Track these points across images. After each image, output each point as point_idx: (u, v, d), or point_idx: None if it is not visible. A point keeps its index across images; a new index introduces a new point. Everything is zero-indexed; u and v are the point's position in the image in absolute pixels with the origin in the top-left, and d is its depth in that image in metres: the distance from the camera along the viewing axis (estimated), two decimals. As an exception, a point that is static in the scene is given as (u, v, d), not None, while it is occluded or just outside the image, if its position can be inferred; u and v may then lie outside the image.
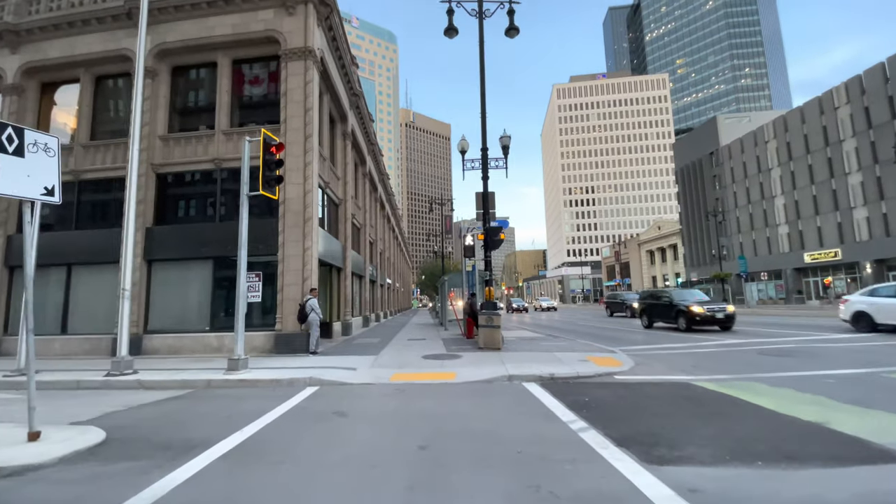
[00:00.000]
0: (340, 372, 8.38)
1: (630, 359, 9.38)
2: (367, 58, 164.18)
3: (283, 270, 11.58)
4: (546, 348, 11.32)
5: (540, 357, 9.67)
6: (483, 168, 12.57)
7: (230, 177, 12.85)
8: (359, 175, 23.23)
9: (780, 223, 47.07)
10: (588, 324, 22.99)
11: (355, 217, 21.37)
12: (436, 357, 10.12)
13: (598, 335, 15.82)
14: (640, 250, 74.16)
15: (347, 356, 10.67)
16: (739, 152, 52.28)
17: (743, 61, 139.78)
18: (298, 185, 11.85)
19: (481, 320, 11.32)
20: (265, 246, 11.97)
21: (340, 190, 17.62)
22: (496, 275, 47.98)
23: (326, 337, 15.41)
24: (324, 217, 15.34)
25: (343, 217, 17.60)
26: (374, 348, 12.20)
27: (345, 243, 17.43)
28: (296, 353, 11.13)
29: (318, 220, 14.86)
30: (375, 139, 24.23)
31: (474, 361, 9.38)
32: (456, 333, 16.64)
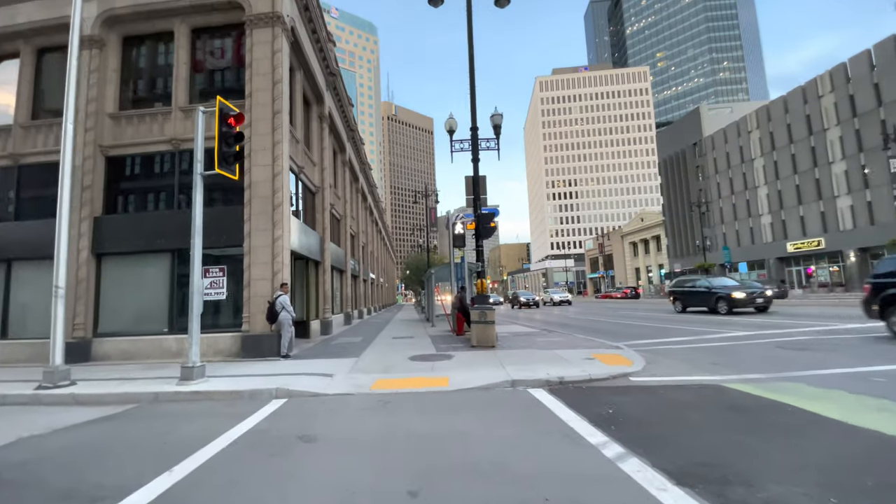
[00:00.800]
0: (314, 380, 7.21)
1: (639, 355, 8.46)
2: (348, 49, 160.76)
3: (250, 263, 10.29)
4: (544, 345, 10.33)
5: (541, 356, 8.66)
6: (473, 149, 11.46)
7: (191, 159, 11.43)
8: (338, 163, 21.86)
9: (763, 213, 47.31)
10: (600, 318, 22.20)
11: (335, 207, 20.03)
12: (424, 358, 9.02)
13: (594, 328, 14.96)
14: (623, 242, 74.30)
15: (324, 359, 9.48)
16: (723, 143, 52.37)
17: (721, 55, 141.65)
18: (266, 166, 10.54)
19: (473, 316, 10.26)
20: (230, 236, 10.65)
21: (317, 177, 16.29)
22: (481, 268, 47.71)
23: (303, 337, 14.16)
24: (298, 206, 14.02)
25: (321, 206, 16.28)
26: (355, 349, 11.03)
27: (323, 235, 16.14)
28: (266, 356, 9.89)
29: (293, 209, 13.58)
30: (356, 126, 22.85)
31: (468, 362, 8.31)
32: (444, 330, 15.57)
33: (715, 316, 17.45)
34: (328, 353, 10.35)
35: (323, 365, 8.67)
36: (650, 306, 31.27)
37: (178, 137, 11.41)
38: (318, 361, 9.20)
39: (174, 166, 11.49)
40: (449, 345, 11.13)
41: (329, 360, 9.24)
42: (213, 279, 10.76)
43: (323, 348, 11.56)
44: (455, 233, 11.14)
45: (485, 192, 11.66)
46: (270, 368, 8.49)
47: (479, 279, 11.05)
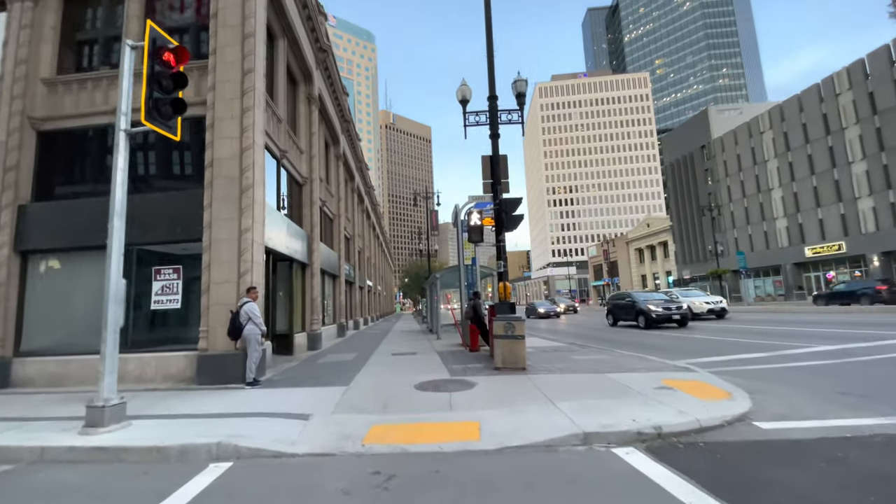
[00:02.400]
0: (281, 425, 4.91)
1: (727, 382, 6.21)
2: (346, 57, 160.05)
3: (210, 262, 8.00)
4: (588, 366, 8.04)
5: (595, 384, 6.38)
6: (491, 122, 9.29)
7: (146, 133, 9.21)
8: (331, 156, 19.68)
9: (777, 217, 45.32)
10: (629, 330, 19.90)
11: (326, 205, 17.79)
12: (437, 386, 6.72)
13: (632, 342, 12.68)
14: (628, 249, 72.23)
15: (304, 387, 7.16)
16: (733, 144, 50.58)
17: (720, 62, 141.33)
18: (233, 139, 8.31)
19: (497, 329, 7.98)
20: (187, 228, 8.38)
21: (304, 166, 14.07)
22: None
23: (285, 353, 11.82)
24: (280, 197, 11.77)
25: (308, 200, 14.04)
26: (346, 370, 8.71)
27: (311, 233, 13.87)
28: (228, 382, 7.56)
29: (277, 203, 11.37)
30: (350, 116, 20.72)
31: (498, 394, 6.03)
32: (453, 344, 13.26)
33: (790, 328, 15.19)
34: (311, 378, 8.01)
35: (300, 398, 6.36)
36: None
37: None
38: (294, 392, 6.87)
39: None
40: (464, 365, 8.83)
41: (309, 390, 6.92)
42: (166, 282, 8.47)
43: (306, 369, 9.22)
44: (471, 224, 8.91)
45: (506, 175, 9.46)
46: (226, 403, 6.17)
47: (500, 282, 8.80)
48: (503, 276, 8.92)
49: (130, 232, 8.40)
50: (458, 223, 13.41)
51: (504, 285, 8.80)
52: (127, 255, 8.68)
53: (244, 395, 6.69)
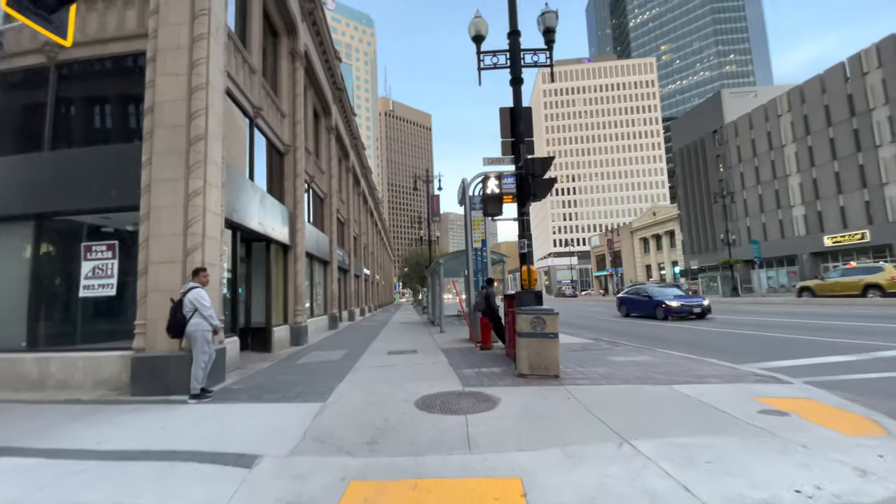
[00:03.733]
0: (201, 485, 3.06)
1: (850, 402, 4.40)
2: (344, 41, 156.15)
3: (149, 235, 6.12)
4: (636, 372, 6.22)
5: (669, 405, 4.54)
6: (512, 64, 7.38)
7: (77, 74, 7.29)
8: (321, 128, 17.67)
9: (794, 204, 43.34)
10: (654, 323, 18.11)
11: (315, 182, 15.86)
12: (446, 403, 4.88)
13: (668, 338, 10.87)
14: (633, 238, 70.33)
15: (265, 403, 5.32)
16: (747, 129, 48.39)
17: (728, 48, 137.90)
18: (179, 76, 6.37)
19: (522, 324, 6.13)
20: (123, 193, 6.48)
21: (287, 132, 12.11)
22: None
23: (262, 350, 10.00)
24: (253, 163, 9.83)
25: (292, 172, 12.11)
26: (327, 376, 6.88)
27: (294, 210, 11.97)
28: (170, 392, 5.73)
29: (247, 170, 9.49)
30: (344, 85, 18.65)
31: (535, 420, 4.19)
32: (459, 339, 11.44)
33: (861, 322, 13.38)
34: (280, 387, 6.17)
35: (255, 421, 4.53)
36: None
37: (57, 43, 7.22)
38: (251, 410, 5.04)
39: (46, 84, 7.27)
40: (477, 368, 7.01)
41: (272, 408, 5.09)
42: (98, 262, 6.60)
43: (279, 373, 7.39)
44: (487, 193, 7.01)
45: (530, 133, 7.54)
46: (147, 430, 4.34)
47: (523, 265, 6.93)
48: (527, 258, 7.05)
49: (50, 197, 6.56)
50: (465, 199, 11.50)
51: (528, 269, 6.94)
52: (66, 228, 6.85)
53: (179, 416, 4.86)
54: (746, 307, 22.94)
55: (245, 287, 10.21)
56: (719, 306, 24.32)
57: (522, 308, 6.33)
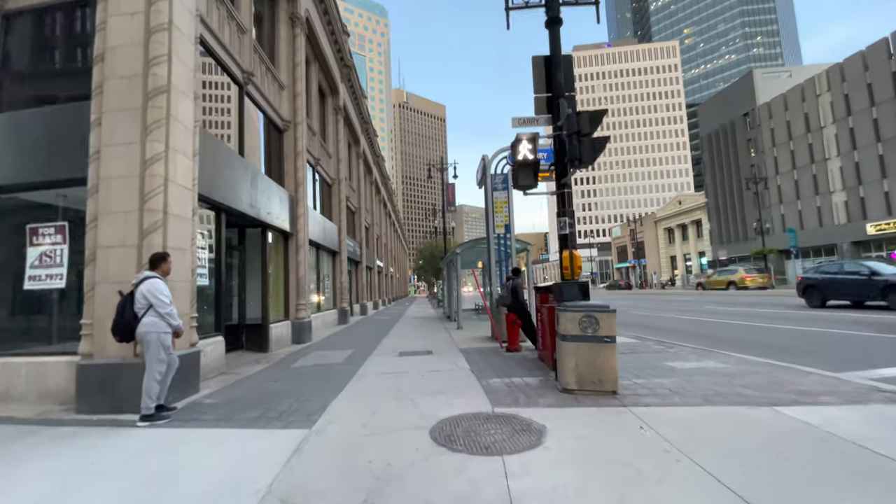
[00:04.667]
0: None
1: None
2: (357, 31, 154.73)
3: (98, 213, 4.93)
4: (715, 386, 4.79)
5: (791, 435, 3.10)
6: (547, 1, 5.92)
7: (24, 25, 6.13)
8: (327, 108, 16.41)
9: (834, 190, 40.54)
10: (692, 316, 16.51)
11: (321, 165, 14.64)
12: (472, 436, 3.53)
13: (728, 338, 9.33)
14: (657, 228, 67.66)
15: (234, 429, 4.06)
16: (782, 110, 45.46)
17: (756, 29, 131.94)
18: (135, 15, 5.11)
19: (568, 323, 4.75)
20: (73, 163, 5.29)
21: (286, 106, 10.86)
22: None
23: (258, 350, 8.85)
24: (243, 137, 8.59)
25: (292, 151, 10.87)
26: (321, 386, 5.63)
27: (296, 194, 10.75)
28: (121, 410, 4.55)
29: (235, 144, 8.29)
30: (352, 62, 17.32)
31: (606, 466, 2.78)
32: (480, 337, 10.11)
33: (883, 314, 11.61)
34: (260, 402, 4.94)
35: (211, 457, 3.28)
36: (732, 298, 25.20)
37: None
38: (212, 438, 3.80)
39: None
40: (507, 378, 5.66)
41: (240, 436, 3.83)
42: (47, 249, 5.45)
43: (265, 382, 6.17)
44: (518, 160, 5.59)
45: (572, 87, 6.07)
46: (61, 473, 3.13)
47: (564, 251, 5.54)
48: (567, 242, 5.64)
49: (10, 168, 5.41)
50: (486, 179, 10.11)
51: (571, 254, 5.54)
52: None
53: (118, 447, 3.65)
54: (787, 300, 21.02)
55: (237, 279, 9.05)
56: (753, 298, 22.43)
57: (567, 304, 4.94)
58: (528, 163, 5.72)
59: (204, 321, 6.59)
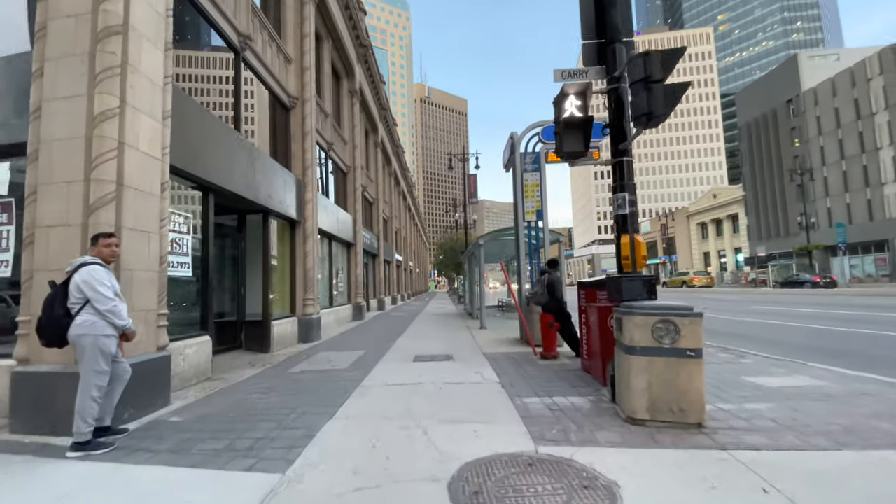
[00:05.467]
0: None
1: None
2: (379, 26, 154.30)
3: (38, 184, 3.97)
4: (828, 416, 3.48)
5: None
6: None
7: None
8: (342, 91, 15.42)
9: (887, 181, 37.44)
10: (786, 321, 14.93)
11: (334, 149, 13.67)
12: (509, 493, 2.39)
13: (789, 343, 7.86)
14: (689, 223, 64.63)
15: (182, 468, 3.01)
16: (830, 96, 42.28)
17: (795, 14, 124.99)
18: (82, -63, 4.11)
19: (636, 331, 3.53)
20: (18, 124, 4.35)
21: (293, 81, 9.87)
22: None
23: (257, 349, 7.91)
24: (240, 110, 7.61)
25: (299, 130, 9.88)
26: (316, 401, 4.57)
27: (303, 178, 9.76)
28: (56, 431, 3.58)
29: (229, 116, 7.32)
30: (369, 41, 16.28)
31: None
32: (504, 337, 8.93)
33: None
34: (233, 425, 3.91)
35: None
36: (815, 299, 23.25)
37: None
38: (150, 485, 2.75)
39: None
40: (547, 395, 4.48)
41: (187, 483, 2.78)
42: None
43: (250, 394, 5.16)
44: (565, 118, 4.33)
45: (630, 29, 4.79)
46: None
47: (623, 235, 4.31)
48: (628, 223, 4.40)
49: None
50: (514, 159, 8.88)
51: (633, 240, 4.30)
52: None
53: (26, 493, 2.65)
54: (842, 299, 18.98)
55: (236, 270, 8.12)
56: (812, 297, 20.42)
57: (633, 305, 3.72)
58: (577, 122, 4.48)
59: (184, 318, 5.64)
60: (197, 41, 6.61)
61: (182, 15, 5.90)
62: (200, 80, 6.69)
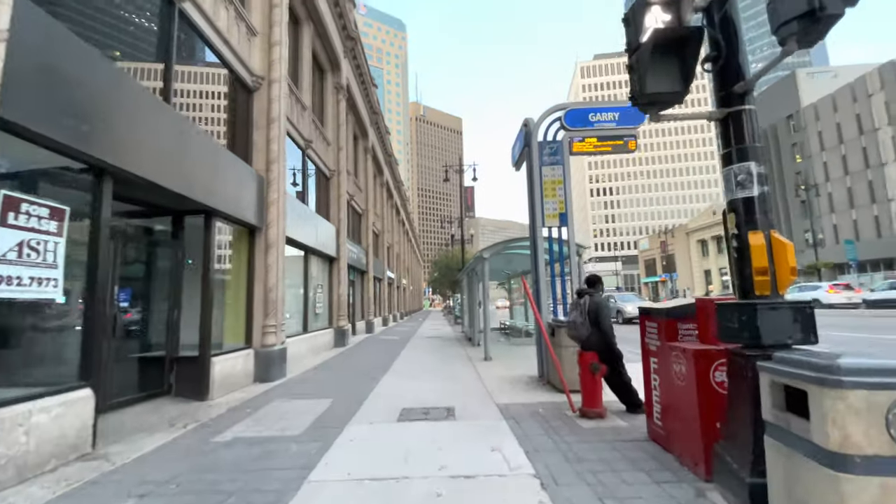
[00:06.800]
0: None
1: None
2: (375, 45, 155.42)
3: None
4: None
5: None
6: None
7: None
8: (327, 86, 13.72)
9: (893, 197, 36.39)
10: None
11: (314, 149, 11.88)
12: None
13: None
14: (689, 240, 63.35)
15: None
16: (831, 112, 41.62)
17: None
18: None
19: (848, 421, 1.65)
20: None
21: (258, 59, 8.10)
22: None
23: (190, 396, 5.90)
24: (169, 77, 5.77)
25: (263, 118, 8.06)
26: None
27: (267, 175, 7.89)
28: None
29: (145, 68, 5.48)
30: (379, 108, 14.73)
31: None
32: (517, 374, 6.98)
33: None
34: None
35: None
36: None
37: None
38: None
39: None
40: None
41: None
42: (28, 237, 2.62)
43: (134, 485, 3.17)
44: (649, 36, 2.64)
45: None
46: None
47: (750, 231, 2.51)
48: (755, 212, 2.58)
49: None
50: (530, 151, 7.11)
51: (769, 241, 2.48)
52: None
53: None
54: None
55: (165, 289, 6.16)
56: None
57: (826, 364, 1.84)
58: (675, 38, 2.69)
59: (41, 365, 3.69)
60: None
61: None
62: (111, 28, 4.89)
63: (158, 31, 5.55)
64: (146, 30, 5.49)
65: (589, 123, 7.22)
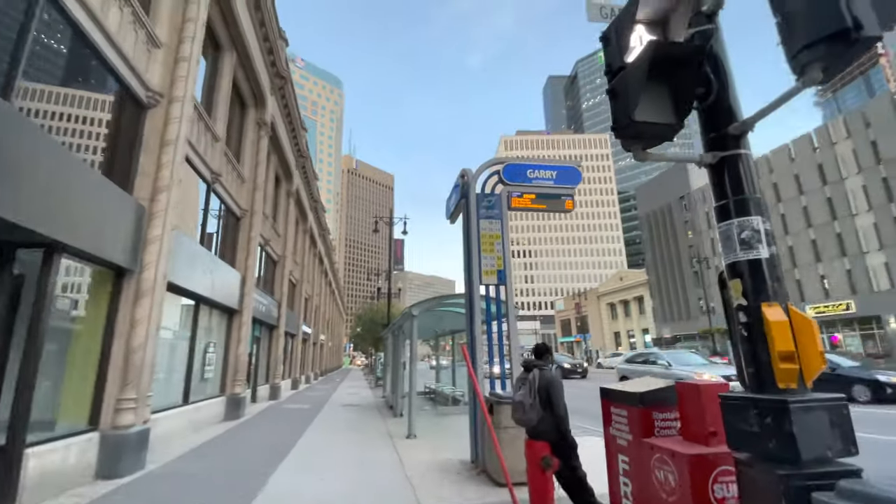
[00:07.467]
0: None
1: None
2: (311, 98, 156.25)
3: None
4: None
5: None
6: None
7: None
8: (248, 121, 12.55)
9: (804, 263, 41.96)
10: None
11: (223, 184, 10.47)
12: None
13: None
14: (599, 303, 67.48)
15: None
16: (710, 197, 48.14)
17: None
18: None
19: None
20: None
21: (158, 75, 6.89)
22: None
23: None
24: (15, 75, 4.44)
25: (153, 140, 6.68)
26: None
27: (150, 207, 6.42)
28: None
29: None
30: (308, 153, 13.92)
31: None
32: (448, 457, 5.87)
33: None
34: None
35: None
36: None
37: None
38: None
39: None
40: None
41: None
42: None
43: None
44: (638, 54, 2.13)
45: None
46: None
47: (763, 304, 1.95)
48: (766, 280, 2.02)
49: None
50: (468, 203, 6.55)
51: (790, 314, 1.90)
52: None
53: None
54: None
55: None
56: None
57: None
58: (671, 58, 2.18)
59: None
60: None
61: None
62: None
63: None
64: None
65: (527, 179, 7.05)
